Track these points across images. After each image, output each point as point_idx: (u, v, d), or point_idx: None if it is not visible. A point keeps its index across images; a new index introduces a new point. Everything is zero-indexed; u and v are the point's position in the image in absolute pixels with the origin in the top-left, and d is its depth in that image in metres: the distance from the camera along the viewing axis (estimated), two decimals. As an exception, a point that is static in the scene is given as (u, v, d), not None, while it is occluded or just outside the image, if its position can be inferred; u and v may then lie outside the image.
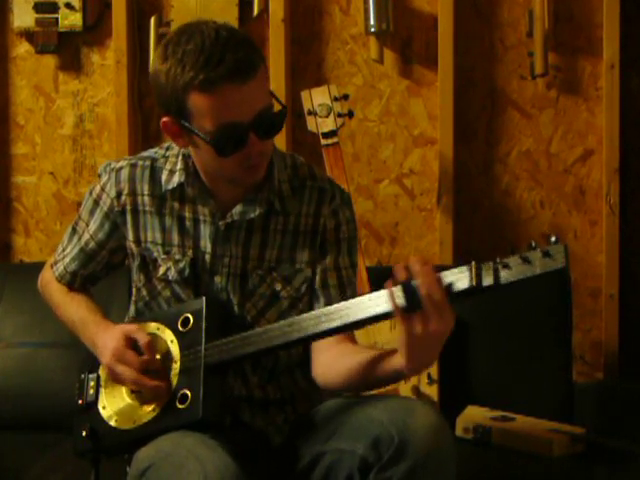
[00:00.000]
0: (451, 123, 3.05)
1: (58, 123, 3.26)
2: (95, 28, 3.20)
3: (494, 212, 3.12)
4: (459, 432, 2.55)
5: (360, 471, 1.81)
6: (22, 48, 3.25)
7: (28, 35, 3.22)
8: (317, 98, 2.89)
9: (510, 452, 2.47)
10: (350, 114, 2.92)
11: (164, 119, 1.92)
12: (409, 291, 1.71)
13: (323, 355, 1.96)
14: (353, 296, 1.97)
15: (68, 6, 3.15)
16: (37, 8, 3.16)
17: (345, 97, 2.92)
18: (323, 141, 2.86)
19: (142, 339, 1.95)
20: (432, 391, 2.66)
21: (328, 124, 2.87)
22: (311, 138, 2.98)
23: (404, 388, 2.67)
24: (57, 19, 3.15)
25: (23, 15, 3.17)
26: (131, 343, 1.96)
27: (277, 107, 1.93)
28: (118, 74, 3.15)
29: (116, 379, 1.97)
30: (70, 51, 3.23)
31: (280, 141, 3.03)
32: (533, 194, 3.11)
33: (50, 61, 3.24)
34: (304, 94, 2.91)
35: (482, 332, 2.76)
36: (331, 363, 1.94)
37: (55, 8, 3.15)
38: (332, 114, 2.87)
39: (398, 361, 1.78)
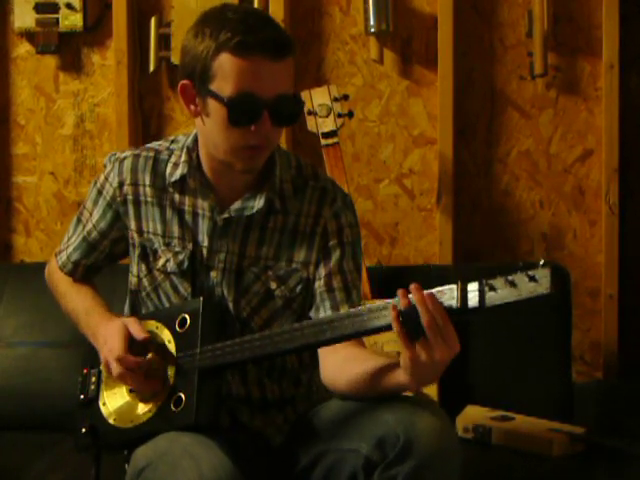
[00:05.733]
0: (451, 123, 3.05)
1: (58, 123, 3.26)
2: (95, 28, 3.20)
3: (494, 212, 3.12)
4: (459, 432, 2.54)
5: (364, 470, 1.81)
6: (23, 48, 3.26)
7: (29, 35, 3.23)
8: (317, 98, 2.89)
9: (510, 452, 2.46)
10: (350, 114, 2.92)
11: (183, 82, 1.92)
12: (411, 319, 1.69)
13: (331, 358, 1.93)
14: (358, 300, 1.98)
15: (69, 6, 3.15)
16: (38, 8, 3.16)
17: (345, 97, 2.92)
18: (323, 141, 2.86)
19: (139, 335, 1.95)
20: (432, 391, 2.66)
21: (328, 124, 2.87)
22: (311, 138, 2.98)
23: (404, 388, 2.68)
24: (58, 19, 3.16)
25: (24, 15, 3.17)
26: (129, 339, 1.95)
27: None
28: (118, 74, 3.15)
29: (113, 375, 1.97)
30: (71, 51, 3.23)
31: (280, 141, 3.03)
32: (533, 194, 3.11)
33: (51, 61, 3.24)
34: (304, 94, 2.90)
35: (482, 332, 2.76)
36: (339, 368, 1.91)
37: (56, 8, 3.15)
38: (332, 114, 2.88)
39: (403, 378, 1.77)
